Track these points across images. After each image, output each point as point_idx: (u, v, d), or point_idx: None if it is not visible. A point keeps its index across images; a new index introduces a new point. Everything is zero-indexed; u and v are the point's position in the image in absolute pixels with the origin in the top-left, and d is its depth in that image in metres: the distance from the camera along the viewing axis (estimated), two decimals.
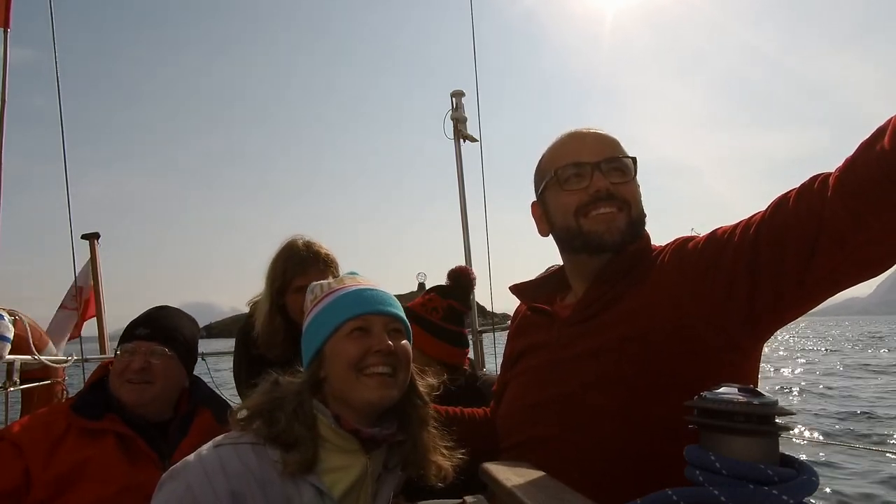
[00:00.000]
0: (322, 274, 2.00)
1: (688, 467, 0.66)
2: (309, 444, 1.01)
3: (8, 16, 2.95)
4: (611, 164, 1.11)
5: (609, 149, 1.13)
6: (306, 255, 2.03)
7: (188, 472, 0.94)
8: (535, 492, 0.81)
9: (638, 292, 1.05)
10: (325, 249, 2.07)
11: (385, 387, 1.05)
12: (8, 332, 2.55)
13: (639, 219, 1.13)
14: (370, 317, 1.08)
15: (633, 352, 0.98)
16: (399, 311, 1.13)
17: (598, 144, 1.14)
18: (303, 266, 2.02)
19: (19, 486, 1.32)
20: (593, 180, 1.10)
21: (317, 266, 2.02)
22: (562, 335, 1.13)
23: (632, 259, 1.11)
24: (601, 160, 1.11)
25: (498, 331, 3.69)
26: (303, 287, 1.94)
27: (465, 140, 3.58)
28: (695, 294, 0.97)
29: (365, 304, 1.09)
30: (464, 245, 3.50)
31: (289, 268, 2.03)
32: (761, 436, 0.62)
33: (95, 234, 4.20)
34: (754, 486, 0.60)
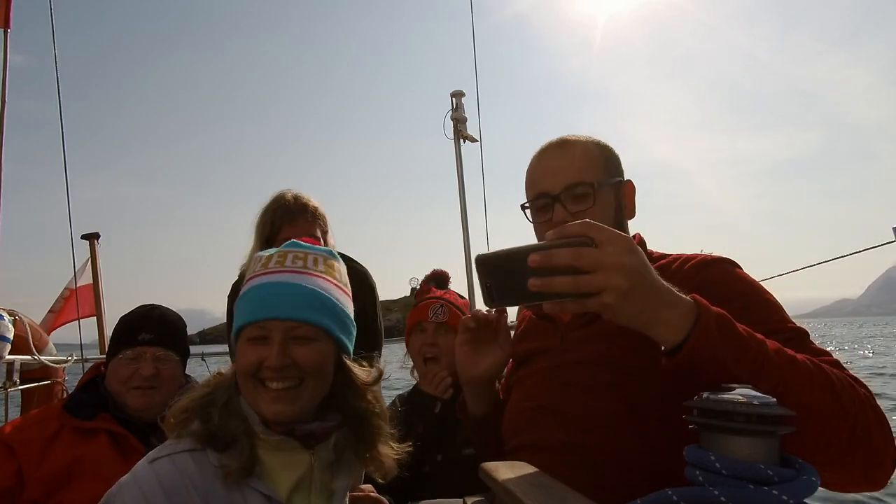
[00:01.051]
0: (310, 226, 2.01)
1: (688, 467, 0.66)
2: (245, 442, 0.95)
3: (8, 16, 2.94)
4: (571, 193, 1.12)
5: (568, 174, 1.12)
6: (294, 206, 2.02)
7: (123, 495, 0.88)
8: (536, 492, 0.81)
9: None
10: (315, 203, 2.06)
11: (281, 402, 0.96)
12: (8, 333, 2.55)
13: None
14: (268, 323, 0.97)
15: (634, 360, 0.98)
16: (308, 311, 0.98)
17: (558, 171, 1.14)
18: (290, 216, 2.00)
19: (12, 486, 1.32)
20: (554, 213, 1.12)
21: (305, 217, 2.02)
22: (565, 340, 1.13)
23: None
24: (560, 191, 1.12)
25: None
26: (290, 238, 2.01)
27: (465, 140, 3.58)
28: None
29: (263, 308, 0.98)
30: (464, 246, 3.50)
31: (276, 218, 2.01)
32: (761, 436, 0.62)
33: (95, 234, 4.20)
34: (754, 486, 0.60)
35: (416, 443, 1.58)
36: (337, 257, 1.12)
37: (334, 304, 1.03)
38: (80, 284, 4.07)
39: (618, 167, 1.19)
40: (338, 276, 1.09)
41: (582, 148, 1.16)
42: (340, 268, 1.12)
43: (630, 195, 1.20)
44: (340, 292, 1.07)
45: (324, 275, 1.05)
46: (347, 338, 1.06)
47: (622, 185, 1.18)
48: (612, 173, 1.16)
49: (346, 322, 1.06)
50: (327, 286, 1.03)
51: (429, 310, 1.74)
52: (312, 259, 1.06)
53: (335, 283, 1.07)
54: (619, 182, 1.17)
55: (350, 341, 1.08)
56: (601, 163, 1.15)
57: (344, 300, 1.06)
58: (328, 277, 1.06)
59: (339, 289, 1.07)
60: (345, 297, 1.07)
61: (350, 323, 1.08)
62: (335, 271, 1.09)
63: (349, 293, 1.11)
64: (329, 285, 1.04)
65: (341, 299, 1.05)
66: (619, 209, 1.16)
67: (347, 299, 1.09)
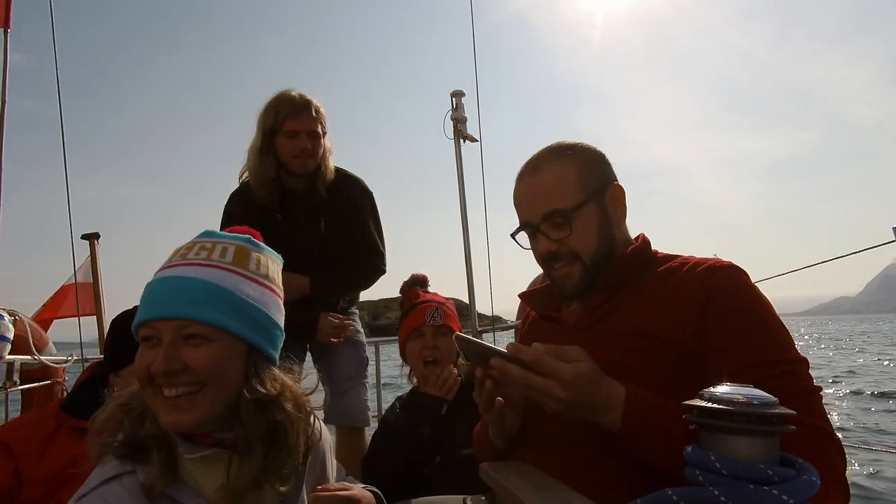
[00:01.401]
0: (313, 121, 2.07)
1: (688, 467, 0.66)
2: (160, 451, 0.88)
3: (8, 16, 2.94)
4: (549, 221, 1.11)
5: (543, 203, 1.11)
6: (299, 101, 2.07)
7: None
8: (536, 492, 0.81)
9: (643, 302, 1.05)
10: (318, 102, 2.11)
11: (177, 411, 0.86)
12: (8, 333, 2.55)
13: (598, 257, 1.11)
14: (157, 323, 0.87)
15: (633, 363, 0.98)
16: (201, 308, 0.87)
17: (533, 201, 1.13)
18: (294, 110, 2.05)
19: (10, 487, 1.32)
20: (538, 243, 1.14)
21: (308, 112, 2.07)
22: (566, 342, 1.13)
23: (631, 267, 1.11)
24: (539, 221, 1.12)
25: (498, 331, 3.70)
26: (294, 131, 2.05)
27: (465, 140, 3.58)
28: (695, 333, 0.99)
29: (152, 307, 0.88)
30: (464, 246, 3.50)
31: (280, 111, 2.05)
32: (761, 436, 0.62)
33: (95, 234, 4.21)
34: (754, 486, 0.60)
35: (421, 445, 1.59)
36: (259, 246, 1.01)
37: (238, 300, 0.90)
38: (80, 282, 4.07)
39: (599, 175, 1.15)
40: (253, 268, 0.96)
41: (553, 172, 1.12)
42: (261, 258, 0.99)
43: (617, 199, 1.15)
44: (254, 286, 0.94)
45: (231, 266, 0.93)
46: (263, 337, 0.94)
47: (605, 193, 1.14)
48: (592, 187, 1.12)
49: (260, 319, 0.93)
50: (232, 279, 0.91)
51: (425, 314, 1.74)
52: (221, 249, 0.94)
53: (247, 275, 0.94)
54: (602, 192, 1.13)
55: (269, 342, 0.96)
56: (576, 182, 1.11)
57: (258, 295, 0.94)
58: (238, 269, 0.93)
59: (251, 282, 0.94)
60: (261, 292, 0.95)
61: (270, 321, 0.95)
62: (249, 261, 0.96)
63: (272, 286, 0.98)
64: (236, 278, 0.92)
65: (253, 294, 0.93)
66: (605, 220, 1.13)
67: (266, 293, 0.96)
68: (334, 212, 2.20)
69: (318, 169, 2.14)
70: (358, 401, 2.33)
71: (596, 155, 1.17)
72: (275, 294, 0.99)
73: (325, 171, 2.16)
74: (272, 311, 0.96)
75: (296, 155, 2.06)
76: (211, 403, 0.88)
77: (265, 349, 0.94)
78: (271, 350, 0.96)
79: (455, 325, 1.77)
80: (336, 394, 2.31)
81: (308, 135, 2.06)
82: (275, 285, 0.99)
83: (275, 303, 0.98)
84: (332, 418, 2.29)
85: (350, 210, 2.24)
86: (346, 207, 2.23)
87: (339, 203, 2.22)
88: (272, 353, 0.96)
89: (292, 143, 2.06)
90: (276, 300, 0.99)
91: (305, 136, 2.06)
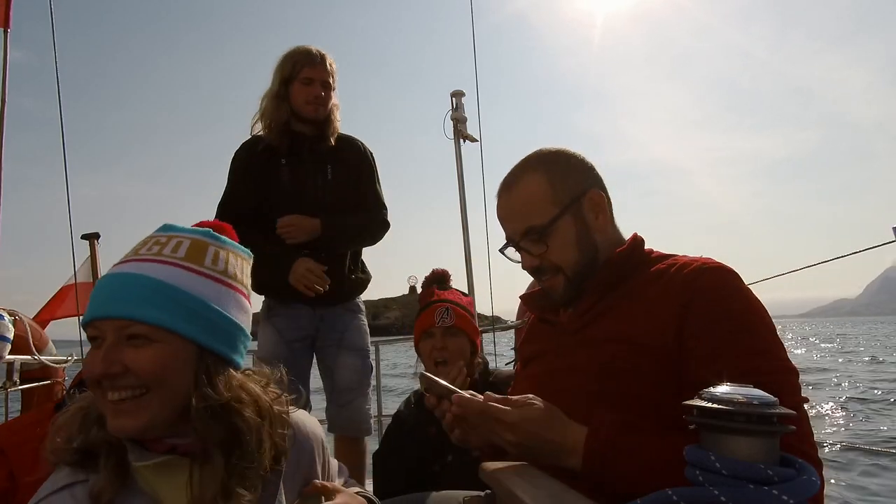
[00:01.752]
0: (327, 73, 2.22)
1: (688, 467, 0.66)
2: (112, 451, 0.83)
3: (8, 16, 2.94)
4: (528, 238, 1.11)
5: (519, 221, 1.12)
6: (315, 53, 2.22)
7: None
8: (536, 492, 0.81)
9: (631, 306, 1.04)
10: (332, 59, 2.27)
11: (120, 415, 0.81)
12: (8, 333, 2.55)
13: (580, 267, 1.10)
14: (100, 323, 0.82)
15: (619, 369, 0.97)
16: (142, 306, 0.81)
17: (510, 219, 1.14)
18: (312, 61, 2.20)
19: (5, 489, 1.32)
20: (523, 261, 1.14)
21: (325, 66, 2.23)
22: (560, 345, 1.13)
23: (619, 269, 1.09)
24: (518, 238, 1.12)
25: (498, 331, 3.70)
26: (309, 79, 2.19)
27: (465, 140, 3.58)
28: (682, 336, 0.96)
29: (96, 306, 0.83)
30: (464, 246, 3.50)
31: (298, 60, 2.20)
32: (761, 436, 0.62)
33: (95, 234, 4.21)
34: (754, 486, 0.60)
35: (428, 444, 1.60)
36: (220, 240, 0.93)
37: (188, 298, 0.83)
38: (80, 282, 4.07)
39: (574, 185, 1.12)
40: (208, 263, 0.88)
41: (526, 188, 1.12)
42: (221, 253, 0.91)
43: (597, 206, 1.13)
44: (209, 283, 0.87)
45: (182, 262, 0.86)
46: (218, 339, 0.87)
47: (582, 201, 1.12)
48: (566, 199, 1.10)
49: (214, 319, 0.86)
50: (182, 276, 0.85)
51: (434, 314, 1.76)
52: (175, 244, 0.88)
53: (201, 271, 0.87)
54: (578, 201, 1.11)
55: (226, 343, 0.88)
56: (548, 196, 1.10)
57: (212, 292, 0.87)
58: (189, 265, 0.86)
59: (206, 278, 0.87)
60: (217, 289, 0.88)
61: (226, 321, 0.87)
62: (205, 257, 0.89)
63: (232, 283, 0.91)
64: (187, 275, 0.85)
65: (206, 291, 0.86)
66: (584, 229, 1.11)
67: (224, 291, 0.89)
68: (340, 161, 2.31)
69: (328, 118, 2.27)
70: (360, 412, 2.32)
71: (571, 164, 1.14)
72: (235, 291, 0.91)
73: (333, 121, 2.29)
74: (230, 309, 0.88)
75: (309, 101, 2.21)
76: (158, 408, 0.82)
77: (220, 351, 0.87)
78: (228, 352, 0.88)
79: (466, 325, 1.77)
80: (338, 404, 2.30)
81: (322, 84, 2.21)
82: (236, 282, 0.92)
83: (235, 301, 0.90)
84: (333, 428, 2.31)
85: (355, 161, 2.36)
86: (351, 158, 2.35)
87: (345, 153, 2.34)
88: (230, 355, 0.89)
89: (307, 90, 2.20)
90: (237, 298, 0.91)
91: (319, 84, 2.21)
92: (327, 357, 2.33)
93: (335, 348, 2.30)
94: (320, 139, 2.26)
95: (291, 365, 2.23)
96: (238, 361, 0.91)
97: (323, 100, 2.22)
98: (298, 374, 2.26)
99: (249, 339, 0.94)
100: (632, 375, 0.96)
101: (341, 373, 2.30)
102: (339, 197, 2.28)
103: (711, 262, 1.03)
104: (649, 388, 0.95)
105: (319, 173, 2.26)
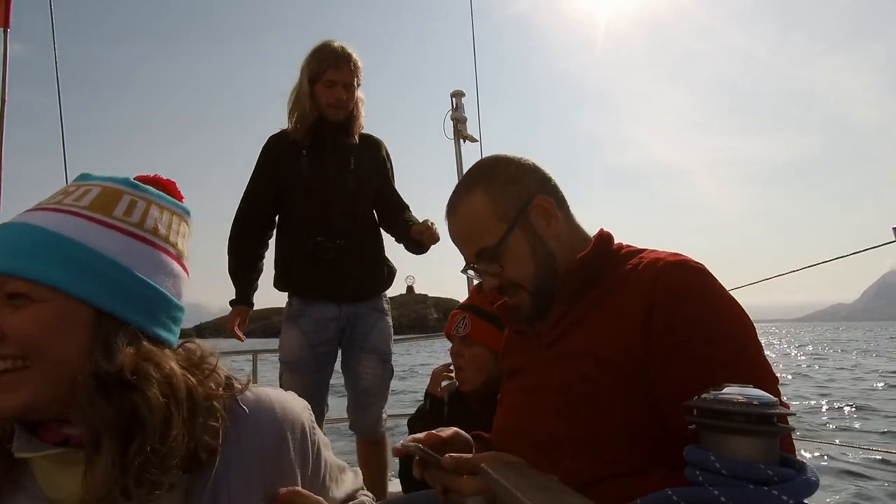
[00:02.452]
0: (350, 74, 2.23)
1: (688, 467, 0.66)
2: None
3: (8, 16, 2.94)
4: (482, 259, 1.06)
5: (469, 245, 1.07)
6: (341, 53, 2.23)
7: None
8: (535, 492, 0.81)
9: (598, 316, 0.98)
10: (357, 56, 2.26)
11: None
12: None
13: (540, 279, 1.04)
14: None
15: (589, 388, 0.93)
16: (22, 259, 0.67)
17: (461, 243, 1.10)
18: (336, 61, 2.21)
19: None
20: (484, 282, 1.10)
21: (348, 66, 2.23)
22: (536, 360, 1.08)
23: (583, 276, 1.02)
24: (473, 261, 1.09)
25: None
26: (333, 81, 2.21)
27: (465, 140, 3.59)
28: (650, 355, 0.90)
29: None
30: None
31: (322, 60, 2.21)
32: (761, 436, 0.63)
33: None
34: (754, 486, 0.61)
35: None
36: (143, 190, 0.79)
37: (84, 251, 0.69)
38: None
39: (517, 197, 1.05)
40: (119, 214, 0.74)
41: (469, 210, 1.06)
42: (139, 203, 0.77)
43: (546, 212, 1.06)
44: (116, 235, 0.73)
45: (84, 210, 0.72)
46: (123, 300, 0.71)
47: (529, 212, 1.05)
48: (511, 213, 1.04)
49: (117, 277, 0.71)
50: (80, 226, 0.71)
51: (453, 322, 1.79)
52: (82, 192, 0.74)
53: (107, 222, 0.73)
54: (524, 213, 1.05)
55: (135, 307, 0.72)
56: (491, 214, 1.04)
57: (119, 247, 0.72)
58: (92, 214, 0.72)
59: (113, 230, 0.73)
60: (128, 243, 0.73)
61: (136, 281, 0.72)
62: (116, 206, 0.75)
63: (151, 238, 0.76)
64: (87, 225, 0.71)
65: (110, 246, 0.71)
66: (537, 240, 1.05)
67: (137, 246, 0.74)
68: (364, 155, 2.34)
69: (351, 114, 2.29)
70: (377, 416, 2.33)
71: (509, 173, 1.07)
72: (156, 249, 0.76)
73: (357, 116, 2.32)
74: (146, 269, 0.73)
75: (331, 104, 2.23)
76: (41, 383, 0.67)
77: (127, 318, 0.71)
78: (141, 320, 0.73)
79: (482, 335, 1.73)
80: (361, 406, 2.32)
81: (344, 86, 2.23)
82: (158, 238, 0.77)
83: (155, 261, 0.75)
84: (354, 428, 2.37)
85: (379, 158, 2.41)
86: (375, 155, 2.40)
87: (369, 149, 2.38)
88: (145, 324, 0.73)
89: (329, 93, 2.22)
90: (159, 258, 0.76)
91: (342, 87, 2.22)
92: (351, 358, 2.32)
93: (359, 350, 2.30)
94: (345, 134, 2.30)
95: (315, 371, 2.24)
96: (162, 335, 0.75)
97: (345, 103, 2.24)
98: (321, 381, 2.29)
99: (180, 309, 0.79)
100: (602, 393, 0.91)
101: (363, 377, 2.30)
102: (361, 187, 2.31)
103: (674, 260, 0.95)
104: (620, 406, 0.90)
105: (343, 164, 2.29)
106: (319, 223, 2.21)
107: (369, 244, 2.35)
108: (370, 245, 2.36)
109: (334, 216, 2.22)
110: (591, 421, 0.92)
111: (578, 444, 0.92)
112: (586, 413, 0.92)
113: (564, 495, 0.80)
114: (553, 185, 1.10)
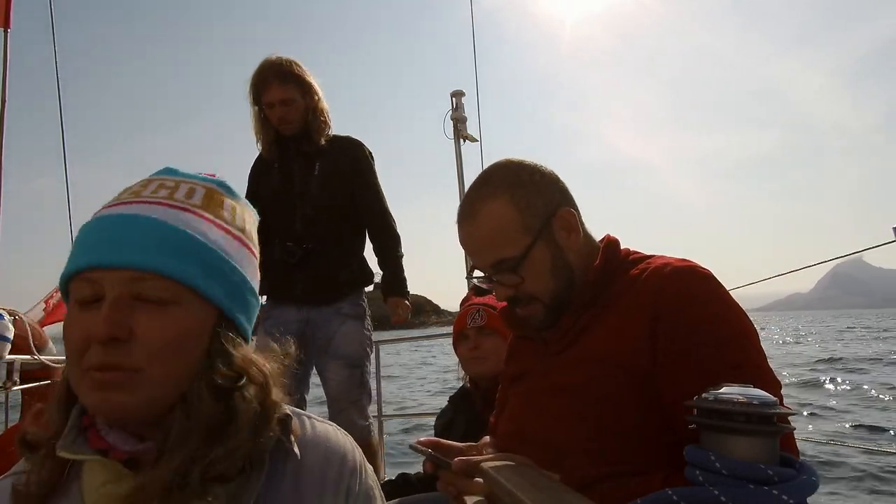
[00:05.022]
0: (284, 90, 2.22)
1: (688, 467, 0.66)
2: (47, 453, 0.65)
3: (8, 16, 2.94)
4: (497, 271, 1.02)
5: (488, 254, 1.02)
6: (268, 72, 2.24)
7: None
8: (535, 492, 0.81)
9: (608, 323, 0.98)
10: (288, 60, 2.26)
11: (104, 389, 0.60)
12: (8, 332, 2.55)
13: (558, 293, 1.02)
14: (98, 274, 0.62)
15: (599, 392, 0.93)
16: (162, 255, 0.62)
17: (477, 251, 1.05)
18: (264, 83, 2.24)
19: None
20: (496, 293, 1.07)
21: (280, 83, 2.23)
22: (544, 364, 1.08)
23: (596, 285, 1.02)
24: (489, 271, 1.04)
25: None
26: (270, 102, 2.23)
27: (465, 140, 3.59)
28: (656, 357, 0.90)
29: (95, 250, 0.63)
30: None
31: (256, 84, 2.26)
32: (761, 436, 0.63)
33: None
34: (754, 486, 0.61)
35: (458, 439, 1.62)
36: (233, 193, 0.76)
37: (213, 254, 0.66)
38: None
39: (543, 207, 1.02)
40: (227, 216, 0.72)
41: (491, 216, 1.01)
42: (237, 207, 0.75)
43: (568, 225, 1.03)
44: (229, 238, 0.70)
45: (200, 210, 0.69)
46: (239, 305, 0.70)
47: (553, 224, 1.02)
48: (537, 225, 1.01)
49: (236, 281, 0.69)
50: (202, 225, 0.67)
51: (467, 317, 1.79)
52: (187, 189, 0.70)
53: (220, 224, 0.70)
54: (549, 225, 1.02)
55: (245, 312, 0.71)
56: (517, 224, 1.00)
57: (234, 250, 0.70)
58: (208, 215, 0.69)
59: (225, 233, 0.70)
60: (237, 247, 0.71)
61: (246, 286, 0.71)
62: (223, 208, 0.72)
63: (249, 244, 0.75)
64: (207, 225, 0.68)
65: (230, 249, 0.69)
66: (558, 253, 1.03)
67: (243, 251, 0.72)
68: (330, 158, 2.36)
69: (306, 120, 2.30)
70: (349, 421, 2.21)
71: (535, 182, 1.03)
72: (251, 253, 0.75)
73: (313, 121, 2.32)
74: (249, 273, 0.72)
75: (278, 122, 2.29)
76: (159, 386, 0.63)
77: (240, 321, 0.70)
78: (246, 322, 0.72)
79: (499, 324, 1.71)
80: (333, 412, 2.30)
81: (280, 103, 2.24)
82: (252, 242, 0.75)
83: (251, 264, 0.74)
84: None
85: (347, 158, 2.39)
86: (343, 156, 2.38)
87: (336, 151, 2.38)
88: (247, 326, 0.72)
89: (271, 113, 2.28)
90: (253, 261, 0.75)
91: (279, 105, 2.24)
92: (318, 362, 2.33)
93: (323, 354, 2.29)
94: (307, 141, 2.33)
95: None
96: (249, 335, 0.74)
97: (287, 118, 2.27)
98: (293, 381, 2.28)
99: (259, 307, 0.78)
100: (610, 398, 0.91)
101: (328, 382, 2.29)
102: (326, 191, 2.32)
103: (681, 266, 0.95)
104: (627, 411, 0.90)
105: (307, 170, 2.33)
106: (286, 228, 2.29)
107: (340, 247, 2.34)
108: (341, 248, 2.34)
109: (298, 221, 2.29)
110: (598, 426, 0.92)
111: (584, 449, 0.92)
112: (593, 418, 0.93)
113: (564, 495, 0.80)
114: (571, 197, 1.08)
